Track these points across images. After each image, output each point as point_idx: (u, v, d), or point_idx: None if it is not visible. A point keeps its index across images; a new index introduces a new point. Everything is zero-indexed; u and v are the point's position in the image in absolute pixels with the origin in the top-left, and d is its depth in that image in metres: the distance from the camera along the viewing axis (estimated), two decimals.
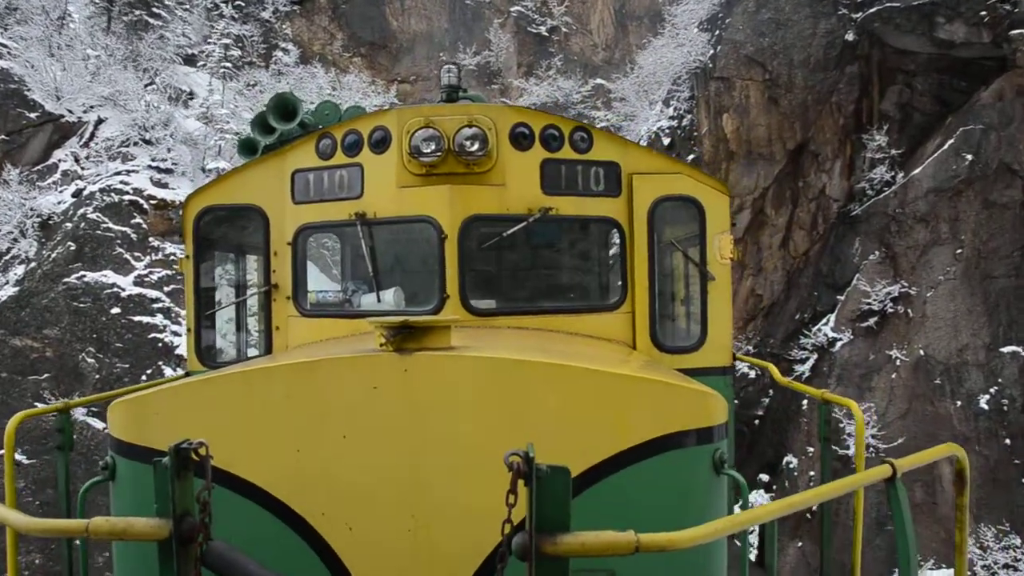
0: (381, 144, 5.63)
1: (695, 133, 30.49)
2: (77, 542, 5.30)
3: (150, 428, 3.76)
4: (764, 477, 26.78)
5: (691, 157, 29.89)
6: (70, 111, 33.25)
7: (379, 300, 5.84)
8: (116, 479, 3.96)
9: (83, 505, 4.54)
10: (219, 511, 2.93)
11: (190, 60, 38.32)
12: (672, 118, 32.55)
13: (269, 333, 6.09)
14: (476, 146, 5.43)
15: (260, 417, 3.62)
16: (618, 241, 6.05)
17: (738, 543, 5.69)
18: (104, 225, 29.89)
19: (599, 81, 44.49)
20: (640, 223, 5.93)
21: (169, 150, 32.43)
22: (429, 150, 5.40)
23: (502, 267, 6.42)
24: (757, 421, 27.77)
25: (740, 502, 3.93)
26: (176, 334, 29.47)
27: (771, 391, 28.12)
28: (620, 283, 6.06)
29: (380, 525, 3.46)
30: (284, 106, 7.38)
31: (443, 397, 3.51)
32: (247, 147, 7.70)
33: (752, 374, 28.17)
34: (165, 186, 31.84)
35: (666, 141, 32.17)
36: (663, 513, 3.51)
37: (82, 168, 31.65)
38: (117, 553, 4.05)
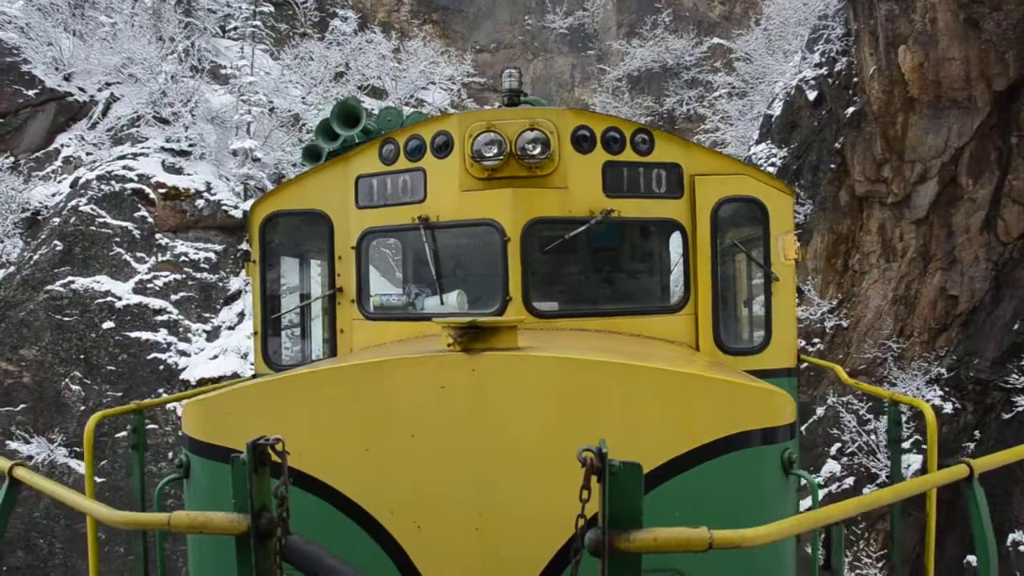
0: (443, 149, 5.65)
1: (855, 79, 22.32)
2: (152, 536, 5.44)
3: (223, 427, 3.82)
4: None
5: (850, 111, 21.76)
6: (82, 89, 28.12)
7: (442, 303, 5.86)
8: (190, 476, 4.02)
9: (160, 501, 4.74)
10: (291, 509, 2.95)
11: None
12: (818, 65, 24.46)
13: (334, 336, 6.12)
14: (538, 149, 5.41)
15: (330, 416, 3.65)
16: (681, 243, 5.97)
17: (808, 549, 6.01)
18: (100, 219, 24.30)
19: (717, 40, 36.51)
20: (703, 224, 5.90)
21: (187, 128, 26.67)
22: (491, 154, 5.40)
23: (564, 270, 6.38)
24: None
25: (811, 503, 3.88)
26: (183, 353, 23.50)
27: (976, 432, 19.69)
28: (683, 285, 6.00)
29: (448, 524, 3.47)
30: (347, 112, 7.69)
31: (511, 397, 3.50)
32: (311, 153, 8.00)
33: (948, 407, 19.80)
34: (179, 171, 26.13)
35: (812, 95, 24.12)
36: (732, 513, 3.51)
37: (87, 155, 26.34)
38: (192, 548, 4.16)
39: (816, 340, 21.40)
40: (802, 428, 20.80)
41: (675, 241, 6.14)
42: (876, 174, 21.16)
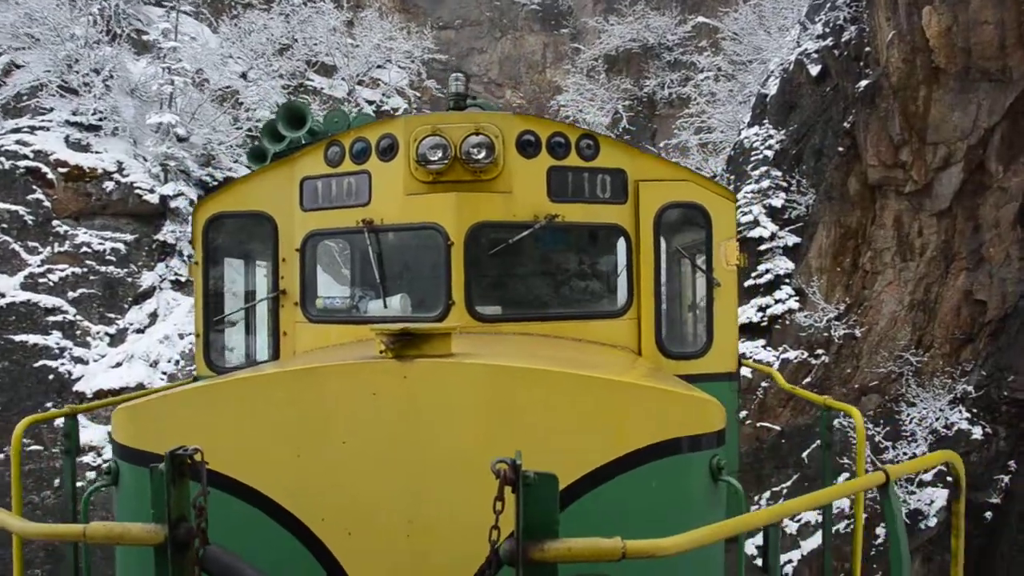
0: (389, 152, 5.67)
1: (866, 48, 19.27)
2: (81, 545, 5.42)
3: (152, 433, 3.80)
4: None
5: (863, 84, 18.69)
6: None
7: (386, 306, 5.86)
8: (119, 483, 4.00)
9: (87, 509, 4.86)
10: (220, 515, 2.98)
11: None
12: (821, 36, 21.43)
13: (277, 338, 6.15)
14: (483, 154, 5.46)
15: (261, 422, 3.64)
16: (624, 248, 6.05)
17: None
18: None
19: (702, 19, 33.43)
20: (646, 230, 5.96)
21: (98, 98, 23.07)
22: (436, 158, 5.43)
23: (508, 274, 6.31)
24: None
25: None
26: (80, 361, 19.98)
27: (1011, 462, 16.70)
28: (626, 289, 6.07)
29: (379, 531, 3.48)
30: (293, 114, 7.70)
31: (441, 404, 3.52)
32: (257, 154, 7.99)
33: (976, 431, 16.81)
34: (86, 148, 22.54)
35: (814, 70, 21.05)
36: (660, 520, 3.52)
37: None
38: (119, 558, 4.16)
39: (820, 351, 18.31)
40: (805, 454, 17.74)
41: (620, 246, 6.19)
42: (893, 158, 18.11)
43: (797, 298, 18.78)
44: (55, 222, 21.38)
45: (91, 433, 18.96)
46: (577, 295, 6.54)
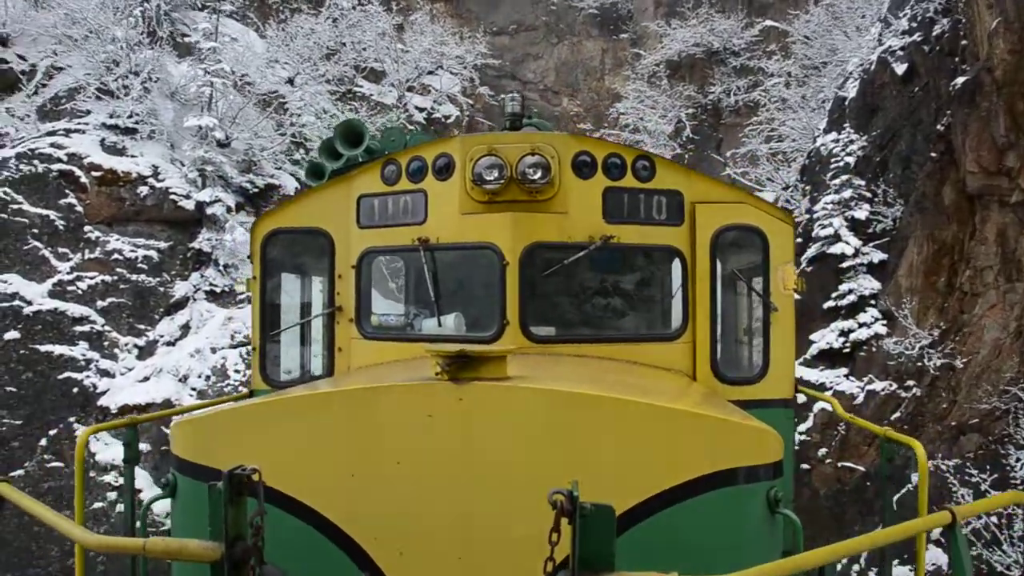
0: (445, 171, 5.68)
1: (963, 42, 17.21)
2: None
3: (210, 448, 3.86)
4: None
5: (960, 81, 16.65)
6: (22, 57, 23.83)
7: (440, 325, 5.87)
8: (177, 496, 4.08)
9: (145, 520, 5.19)
10: (275, 531, 3.01)
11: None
12: (907, 32, 19.42)
13: (332, 354, 6.17)
14: (538, 174, 5.44)
15: (317, 441, 3.68)
16: (680, 270, 6.00)
17: None
18: (15, 206, 19.88)
19: (770, 23, 31.48)
20: (702, 252, 5.89)
21: (137, 101, 22.23)
22: (492, 177, 5.43)
23: (563, 295, 6.36)
24: None
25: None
26: (106, 373, 18.97)
27: None
28: (681, 313, 5.98)
29: (431, 552, 3.48)
30: (350, 132, 7.85)
31: (496, 428, 3.52)
32: (315, 171, 8.12)
33: None
34: (121, 152, 21.68)
35: (900, 69, 19.04)
36: (715, 551, 3.47)
37: (15, 130, 21.99)
38: (175, 570, 4.24)
39: (911, 383, 16.22)
40: (895, 498, 15.62)
41: (676, 268, 6.11)
42: (996, 163, 15.99)
43: (884, 322, 16.73)
44: (87, 228, 20.48)
45: (114, 451, 17.88)
46: (631, 317, 6.51)
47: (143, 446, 17.47)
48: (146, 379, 19.46)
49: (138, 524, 5.99)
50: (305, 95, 26.89)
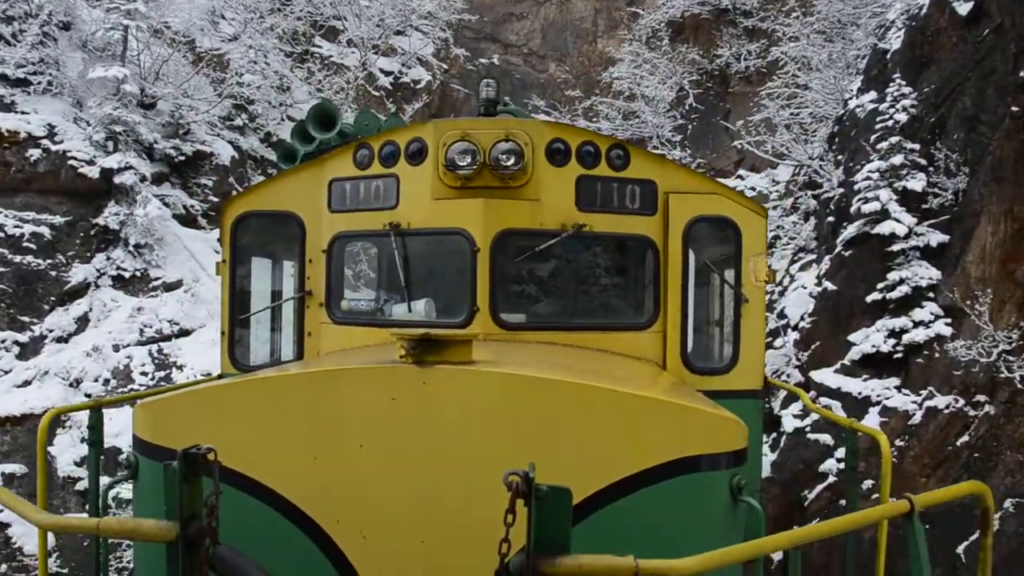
0: (417, 156, 5.74)
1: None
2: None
3: (171, 430, 3.88)
4: None
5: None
6: None
7: (410, 310, 5.94)
8: (138, 478, 4.10)
9: (106, 502, 5.13)
10: (236, 513, 3.07)
11: None
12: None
13: (301, 339, 6.24)
14: (511, 160, 5.51)
15: (279, 423, 3.69)
16: (652, 260, 6.07)
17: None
18: None
19: None
20: (675, 242, 5.96)
21: (34, 47, 18.46)
22: (464, 163, 5.48)
23: (534, 282, 6.46)
24: None
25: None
26: None
27: None
28: (652, 302, 6.09)
29: (393, 535, 3.51)
30: (323, 115, 8.01)
31: (459, 411, 3.54)
32: (287, 155, 8.41)
33: None
34: (9, 108, 17.90)
35: (964, 9, 15.43)
36: (676, 538, 3.52)
37: None
38: (135, 550, 4.37)
39: (983, 399, 12.66)
40: (961, 549, 12.09)
41: (648, 258, 6.11)
42: None
43: (948, 320, 13.16)
44: None
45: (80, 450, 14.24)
46: (602, 306, 6.59)
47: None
48: (26, 383, 15.78)
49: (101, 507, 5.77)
50: (249, 52, 23.11)
